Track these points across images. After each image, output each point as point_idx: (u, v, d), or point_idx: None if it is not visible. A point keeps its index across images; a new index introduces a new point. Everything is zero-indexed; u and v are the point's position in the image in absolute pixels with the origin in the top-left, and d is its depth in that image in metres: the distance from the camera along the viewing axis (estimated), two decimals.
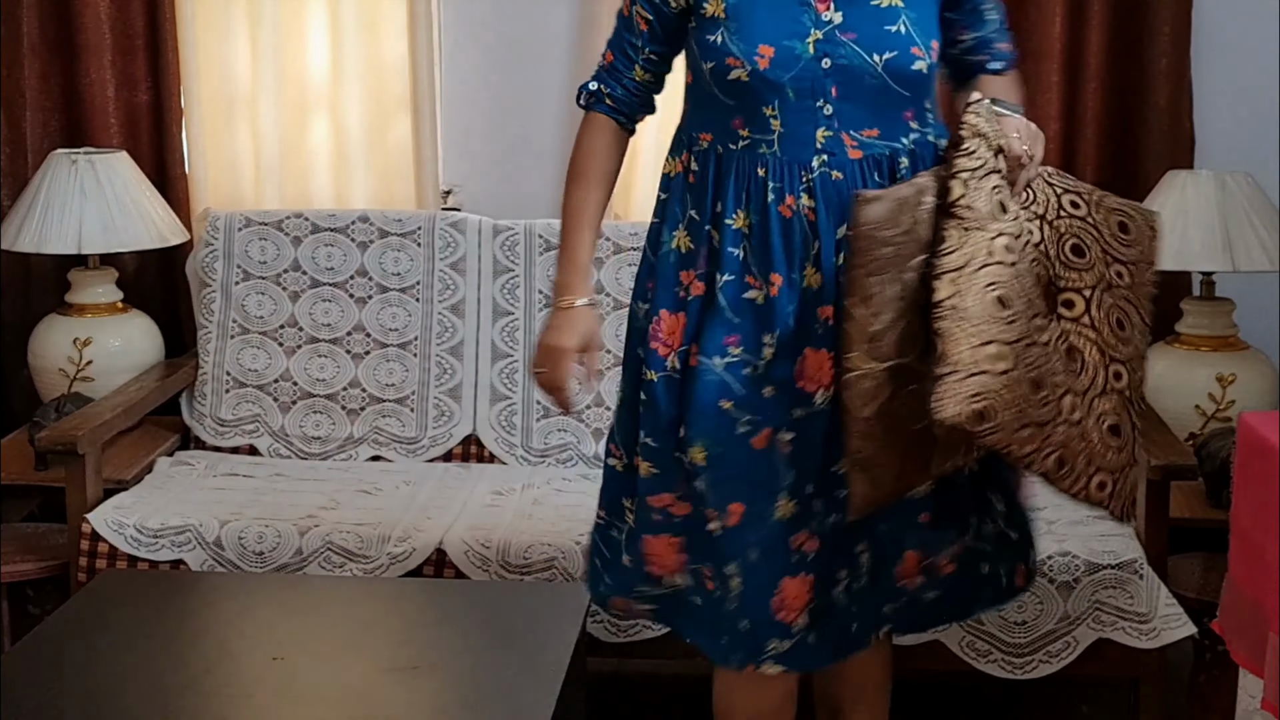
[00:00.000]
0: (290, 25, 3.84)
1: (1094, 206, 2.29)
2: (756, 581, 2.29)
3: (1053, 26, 3.61)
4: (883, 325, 2.12)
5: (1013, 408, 2.09)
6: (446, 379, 3.63)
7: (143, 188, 3.69)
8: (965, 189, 2.14)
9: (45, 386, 3.67)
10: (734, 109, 2.30)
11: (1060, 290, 2.24)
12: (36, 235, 3.57)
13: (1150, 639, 2.95)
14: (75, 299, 3.70)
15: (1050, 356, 2.17)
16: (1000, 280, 2.12)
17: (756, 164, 2.29)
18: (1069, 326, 2.22)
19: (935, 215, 2.15)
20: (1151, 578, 2.96)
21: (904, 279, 2.13)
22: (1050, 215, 2.26)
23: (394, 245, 3.67)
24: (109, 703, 2.32)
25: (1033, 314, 2.16)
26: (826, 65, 2.25)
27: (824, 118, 2.26)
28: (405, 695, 2.35)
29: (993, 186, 2.17)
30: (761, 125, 2.28)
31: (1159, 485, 3.01)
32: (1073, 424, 2.18)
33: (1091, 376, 2.22)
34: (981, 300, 2.10)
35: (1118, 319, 2.25)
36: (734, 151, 2.31)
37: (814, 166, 2.26)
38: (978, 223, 2.13)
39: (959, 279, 2.10)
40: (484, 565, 3.05)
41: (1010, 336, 2.11)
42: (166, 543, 3.12)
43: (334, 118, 3.87)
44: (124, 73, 3.83)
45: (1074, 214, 2.27)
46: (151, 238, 3.66)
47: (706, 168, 2.33)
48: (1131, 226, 2.28)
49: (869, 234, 2.11)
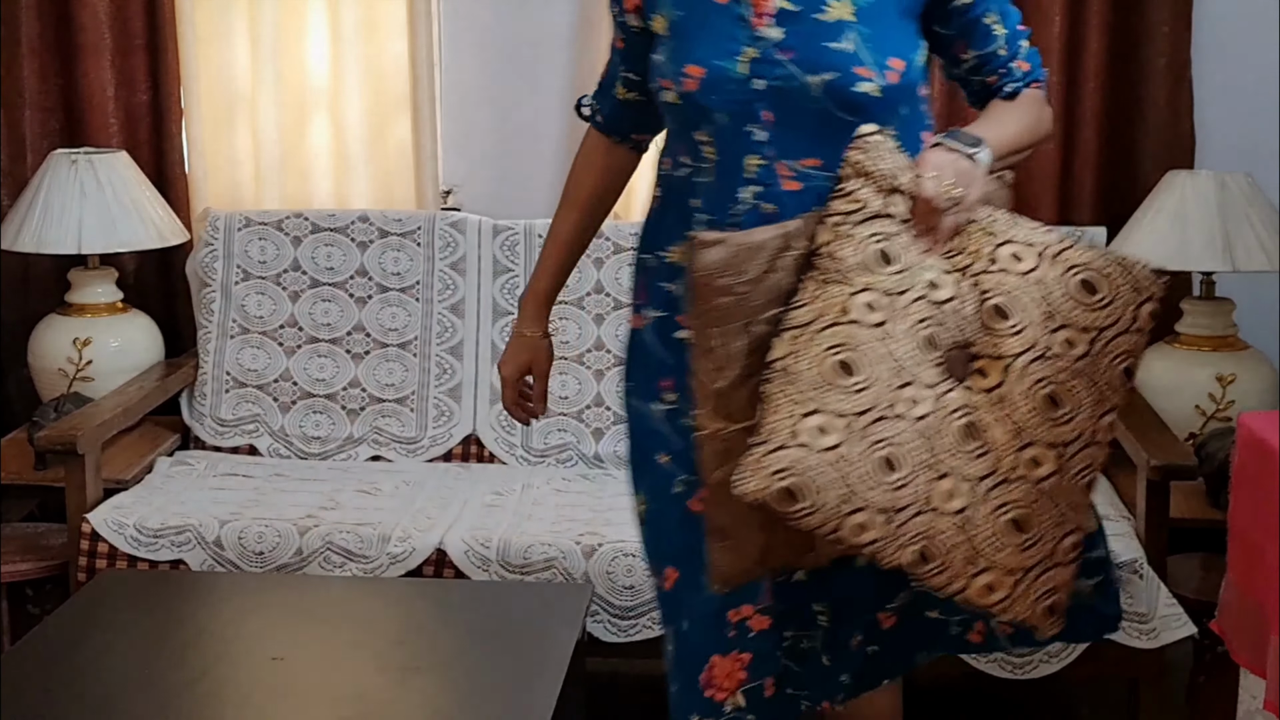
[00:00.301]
0: (290, 25, 3.84)
1: (1047, 261, 1.94)
2: (686, 652, 2.13)
3: (1053, 26, 3.61)
4: (728, 382, 1.92)
5: (839, 488, 1.85)
6: (446, 379, 3.63)
7: (142, 188, 3.69)
8: (832, 236, 1.91)
9: (45, 386, 3.67)
10: (676, 134, 2.14)
11: (974, 357, 1.93)
12: (36, 235, 3.57)
13: (1150, 639, 2.95)
14: (75, 299, 3.70)
15: (926, 434, 1.89)
16: (849, 343, 1.87)
17: (691, 193, 2.10)
18: (975, 400, 1.91)
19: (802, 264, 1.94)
20: (1151, 578, 2.96)
21: (753, 332, 1.92)
22: (977, 269, 1.94)
23: (394, 245, 3.67)
24: (109, 703, 2.32)
25: (900, 383, 1.88)
26: (760, 87, 2.02)
27: (755, 144, 2.03)
28: (405, 695, 2.35)
29: (872, 234, 1.91)
30: (696, 152, 2.09)
31: (1159, 485, 3.01)
32: (947, 513, 1.89)
33: (993, 462, 1.91)
34: (819, 364, 1.87)
35: (1050, 395, 1.91)
36: (679, 179, 2.14)
37: (742, 198, 2.04)
38: (839, 275, 1.89)
39: (800, 338, 1.89)
40: (484, 565, 3.05)
41: (850, 408, 1.86)
42: (166, 543, 3.12)
43: (334, 118, 3.87)
44: (123, 73, 3.83)
45: (1010, 269, 1.93)
46: (151, 238, 3.66)
47: (664, 195, 2.19)
48: (1102, 286, 1.93)
49: (704, 282, 1.90)
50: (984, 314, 1.92)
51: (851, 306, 1.88)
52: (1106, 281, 1.93)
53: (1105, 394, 1.94)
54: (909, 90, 2.06)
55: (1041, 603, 1.93)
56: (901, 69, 2.03)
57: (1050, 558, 1.93)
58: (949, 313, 1.92)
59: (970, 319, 1.92)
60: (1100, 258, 1.95)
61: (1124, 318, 1.94)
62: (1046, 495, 1.92)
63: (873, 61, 2.01)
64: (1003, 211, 1.99)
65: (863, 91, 2.00)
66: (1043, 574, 1.93)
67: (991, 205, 1.98)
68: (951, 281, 1.93)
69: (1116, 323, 1.93)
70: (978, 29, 2.11)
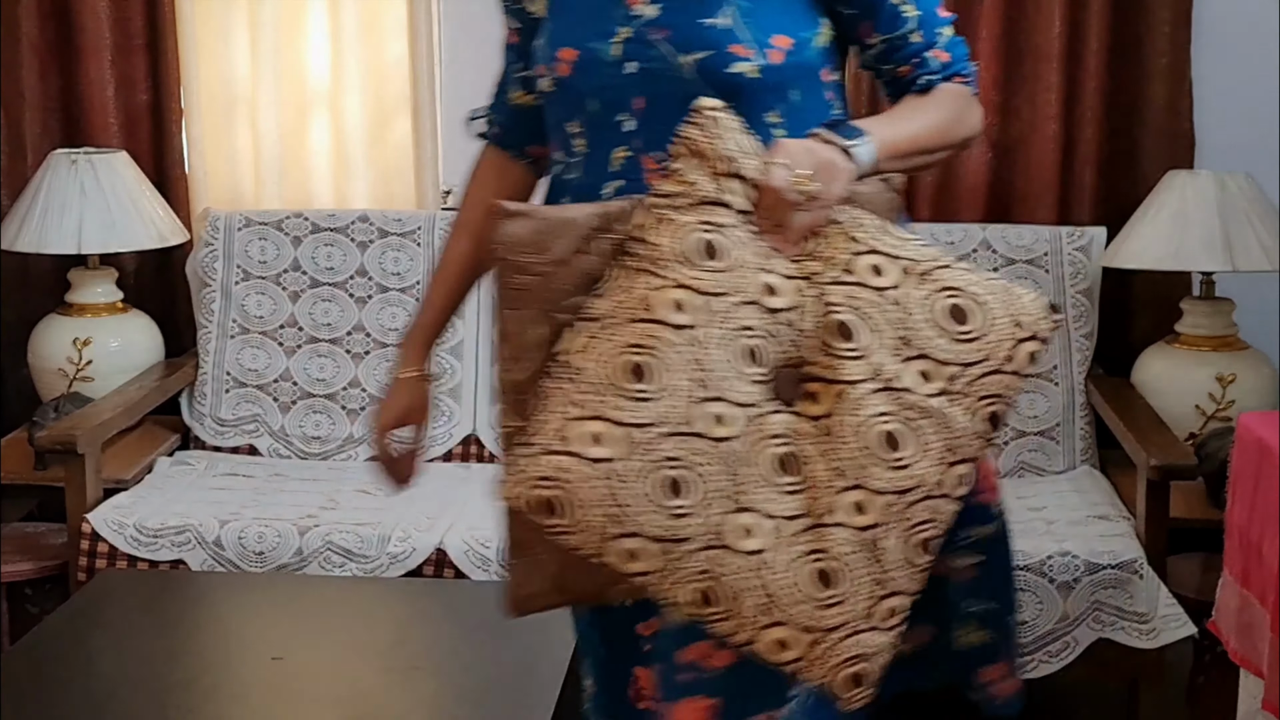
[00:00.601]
0: (290, 25, 3.84)
1: (914, 279, 1.66)
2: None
3: (1053, 26, 3.61)
4: (525, 375, 1.67)
5: (607, 506, 1.60)
6: (446, 379, 3.63)
7: (142, 188, 3.69)
8: (650, 220, 1.65)
9: (45, 386, 3.67)
10: (553, 128, 1.91)
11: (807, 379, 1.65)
12: (36, 235, 3.57)
13: (1150, 639, 2.95)
14: (75, 299, 3.70)
15: (730, 458, 1.61)
16: (647, 344, 1.61)
17: (563, 193, 1.87)
18: (800, 427, 1.63)
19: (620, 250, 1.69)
20: (1151, 578, 2.96)
21: (556, 321, 1.67)
22: (827, 278, 1.66)
23: (394, 245, 3.67)
24: (109, 703, 2.32)
25: (705, 397, 1.60)
26: (632, 70, 1.79)
27: (624, 135, 1.81)
28: (405, 695, 2.35)
29: (701, 222, 1.64)
30: (568, 145, 1.87)
31: (1159, 485, 3.01)
32: (740, 552, 1.60)
33: (807, 501, 1.62)
34: (610, 363, 1.61)
35: (888, 434, 1.61)
36: (554, 179, 1.91)
37: (605, 195, 1.80)
38: (650, 265, 1.63)
39: (596, 332, 1.64)
40: (484, 565, 3.05)
41: (635, 418, 1.60)
42: (166, 543, 3.12)
43: (334, 118, 3.87)
44: (123, 73, 3.83)
45: (866, 282, 1.65)
46: (151, 238, 3.66)
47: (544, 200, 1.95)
48: (975, 316, 1.65)
49: (503, 257, 1.67)
50: (824, 330, 1.64)
51: (656, 302, 1.62)
52: (982, 311, 1.65)
53: (960, 441, 1.64)
54: (802, 73, 1.81)
55: (844, 669, 1.63)
56: (788, 47, 1.78)
57: (865, 619, 1.63)
58: (783, 324, 1.64)
59: (809, 334, 1.65)
60: (981, 283, 1.67)
61: (996, 355, 1.65)
62: (866, 548, 1.62)
63: (752, 39, 1.77)
64: (874, 217, 1.70)
65: (738, 72, 1.76)
66: (849, 637, 1.63)
67: (864, 208, 1.70)
68: (793, 289, 1.65)
69: (985, 359, 1.64)
70: (883, 9, 1.84)
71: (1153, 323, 3.64)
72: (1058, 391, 3.50)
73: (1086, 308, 3.55)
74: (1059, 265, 3.55)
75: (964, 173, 3.68)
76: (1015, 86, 3.67)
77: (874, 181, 1.72)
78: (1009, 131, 3.69)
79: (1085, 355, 3.53)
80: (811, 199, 1.64)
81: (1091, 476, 3.41)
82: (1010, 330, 1.65)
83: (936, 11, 1.86)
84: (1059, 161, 3.65)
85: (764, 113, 1.77)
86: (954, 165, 3.68)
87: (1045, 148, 3.64)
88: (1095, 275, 3.56)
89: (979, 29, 3.61)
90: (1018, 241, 3.57)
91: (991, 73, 3.62)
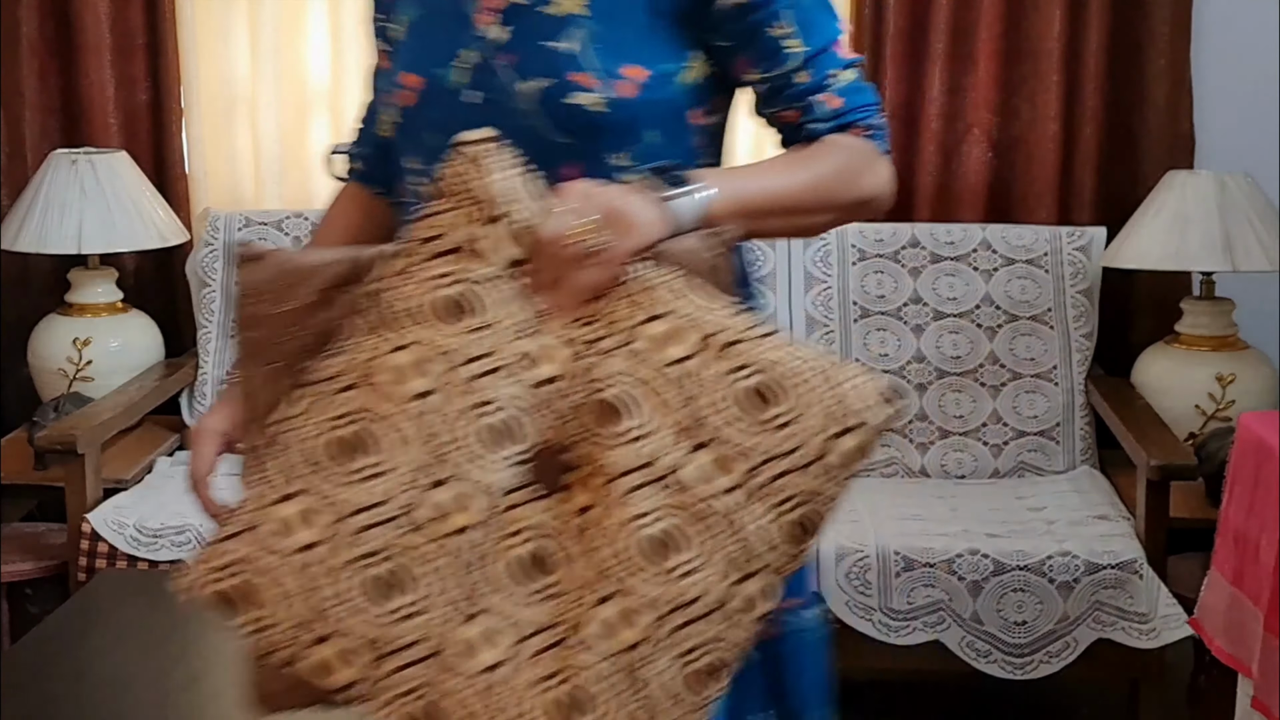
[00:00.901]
0: (290, 25, 3.84)
1: (713, 351, 1.36)
2: None
3: (1052, 26, 3.61)
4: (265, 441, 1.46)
5: (301, 605, 1.37)
6: None
7: (142, 188, 3.69)
8: (390, 270, 1.41)
9: (45, 386, 3.67)
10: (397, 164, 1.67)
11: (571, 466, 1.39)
12: (36, 235, 3.57)
13: (1150, 639, 2.95)
14: (75, 299, 3.70)
15: (462, 554, 1.36)
16: (366, 414, 1.37)
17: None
18: (555, 523, 1.37)
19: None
20: (1151, 578, 2.96)
21: (291, 381, 1.45)
22: (606, 346, 1.38)
23: None
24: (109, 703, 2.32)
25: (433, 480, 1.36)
26: (474, 100, 1.55)
27: None
28: None
29: (443, 275, 1.39)
30: (403, 185, 1.65)
31: (1159, 485, 3.01)
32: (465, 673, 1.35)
33: (556, 610, 1.35)
34: (321, 437, 1.38)
35: (659, 537, 1.33)
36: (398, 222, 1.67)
37: None
38: (382, 322, 1.40)
39: (316, 397, 1.41)
40: None
41: (345, 500, 1.37)
42: (166, 543, 3.12)
43: (334, 118, 3.87)
44: (123, 73, 3.83)
45: (651, 354, 1.37)
46: (151, 238, 3.66)
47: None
48: (783, 399, 1.35)
49: (238, 303, 1.51)
50: (590, 409, 1.37)
51: (383, 367, 1.38)
52: (791, 394, 1.35)
53: (754, 550, 1.35)
54: (662, 111, 1.56)
55: None
56: (643, 80, 1.53)
57: None
58: (546, 399, 1.38)
59: (577, 412, 1.38)
60: (800, 359, 1.37)
61: (807, 448, 1.35)
62: (624, 673, 1.33)
63: (601, 67, 1.52)
64: (684, 278, 1.40)
65: (577, 104, 1.51)
66: None
67: (671, 267, 1.41)
68: (564, 358, 1.39)
69: (792, 453, 1.35)
70: (759, 41, 1.56)
71: (1153, 323, 3.64)
72: (1058, 391, 3.50)
73: (1086, 308, 3.55)
74: (1059, 265, 3.55)
75: (964, 173, 3.68)
76: (1015, 86, 3.67)
77: (697, 237, 1.44)
78: (1009, 131, 3.69)
79: (1085, 355, 3.53)
80: (595, 254, 1.38)
81: (1091, 476, 3.41)
82: (823, 420, 1.35)
83: (833, 50, 1.58)
84: (1059, 161, 3.65)
85: (609, 154, 1.54)
86: (954, 165, 3.69)
87: (1045, 148, 3.64)
88: (1095, 275, 3.56)
89: (979, 29, 3.62)
90: (1017, 241, 3.57)
91: (991, 73, 3.62)
